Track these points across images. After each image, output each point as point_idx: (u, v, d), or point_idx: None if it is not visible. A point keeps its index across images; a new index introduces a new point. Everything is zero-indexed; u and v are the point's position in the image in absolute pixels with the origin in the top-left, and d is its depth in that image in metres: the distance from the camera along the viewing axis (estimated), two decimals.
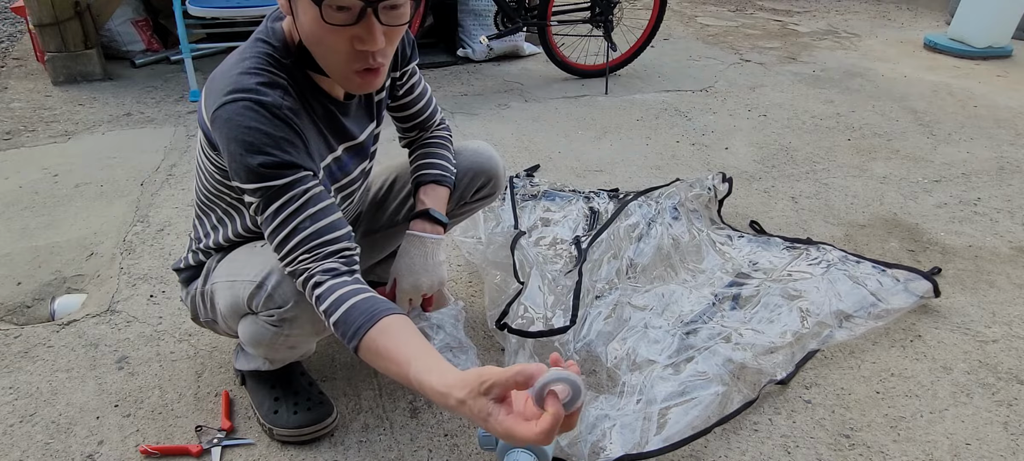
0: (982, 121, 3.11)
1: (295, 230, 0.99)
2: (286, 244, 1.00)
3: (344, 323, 0.95)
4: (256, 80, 0.97)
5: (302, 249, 1.00)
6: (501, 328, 1.46)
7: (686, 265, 1.82)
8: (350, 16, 0.92)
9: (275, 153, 0.97)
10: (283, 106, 0.98)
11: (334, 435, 1.31)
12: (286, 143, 0.98)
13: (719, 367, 1.43)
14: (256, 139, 0.95)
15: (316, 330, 1.14)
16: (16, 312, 1.65)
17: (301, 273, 1.00)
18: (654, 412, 1.31)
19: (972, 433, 1.37)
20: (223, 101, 0.96)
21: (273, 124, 0.96)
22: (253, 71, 0.98)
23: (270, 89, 0.98)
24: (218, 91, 0.98)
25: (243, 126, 0.95)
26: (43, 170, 2.33)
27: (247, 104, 0.95)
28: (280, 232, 1.00)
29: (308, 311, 1.07)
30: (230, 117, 0.95)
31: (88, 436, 1.28)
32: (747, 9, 5.30)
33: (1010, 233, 2.15)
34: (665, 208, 1.96)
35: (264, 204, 0.99)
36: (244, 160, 0.96)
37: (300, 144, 1.00)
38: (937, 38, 4.25)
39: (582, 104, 3.18)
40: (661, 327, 1.56)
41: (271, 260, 1.07)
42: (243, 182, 0.98)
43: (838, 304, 1.65)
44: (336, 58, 0.98)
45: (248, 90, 0.96)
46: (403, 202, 1.43)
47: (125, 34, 3.45)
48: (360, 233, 1.46)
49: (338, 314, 0.95)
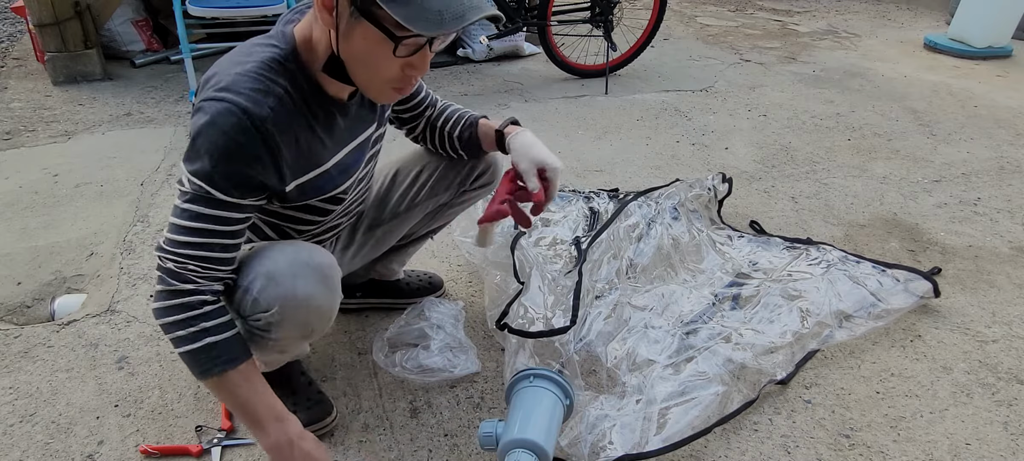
0: (982, 121, 3.11)
1: (208, 247, 1.00)
2: (191, 250, 0.99)
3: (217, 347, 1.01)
4: (251, 86, 0.96)
5: (203, 264, 1.00)
6: (501, 328, 1.46)
7: (686, 265, 1.82)
8: (413, 48, 0.95)
9: (239, 167, 0.96)
10: (268, 120, 0.96)
11: (334, 435, 1.31)
12: (254, 160, 0.97)
13: (719, 367, 1.43)
14: (225, 146, 0.94)
15: (303, 334, 1.14)
16: (16, 312, 1.65)
17: (186, 279, 1.00)
18: (654, 412, 1.31)
19: (972, 433, 1.37)
20: (212, 96, 0.95)
21: (251, 139, 0.95)
22: (251, 75, 0.97)
23: (263, 98, 0.96)
24: (212, 85, 0.97)
25: (219, 128, 0.94)
26: (43, 170, 2.33)
27: (232, 108, 0.94)
28: (193, 236, 0.99)
29: (294, 316, 1.07)
30: (211, 116, 0.94)
31: (88, 436, 1.28)
32: (747, 9, 5.30)
33: (1010, 233, 2.15)
34: (665, 208, 1.96)
35: (194, 201, 0.98)
36: (203, 160, 0.95)
37: (269, 163, 1.00)
38: (937, 38, 4.25)
39: (582, 104, 3.18)
40: (661, 327, 1.56)
41: (256, 265, 1.06)
42: (190, 173, 0.97)
43: (838, 304, 1.65)
44: (381, 77, 0.99)
45: (239, 94, 0.94)
46: (405, 191, 1.44)
47: (125, 34, 3.45)
48: (364, 228, 1.46)
49: (217, 338, 1.01)
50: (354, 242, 1.46)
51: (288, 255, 1.07)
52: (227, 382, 1.03)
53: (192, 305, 1.00)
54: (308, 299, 1.07)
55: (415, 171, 1.44)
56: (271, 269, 1.05)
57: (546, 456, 1.07)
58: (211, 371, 1.02)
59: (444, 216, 1.53)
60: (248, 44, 1.04)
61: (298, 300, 1.06)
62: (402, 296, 1.66)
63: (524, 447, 1.06)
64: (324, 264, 1.10)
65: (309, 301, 1.07)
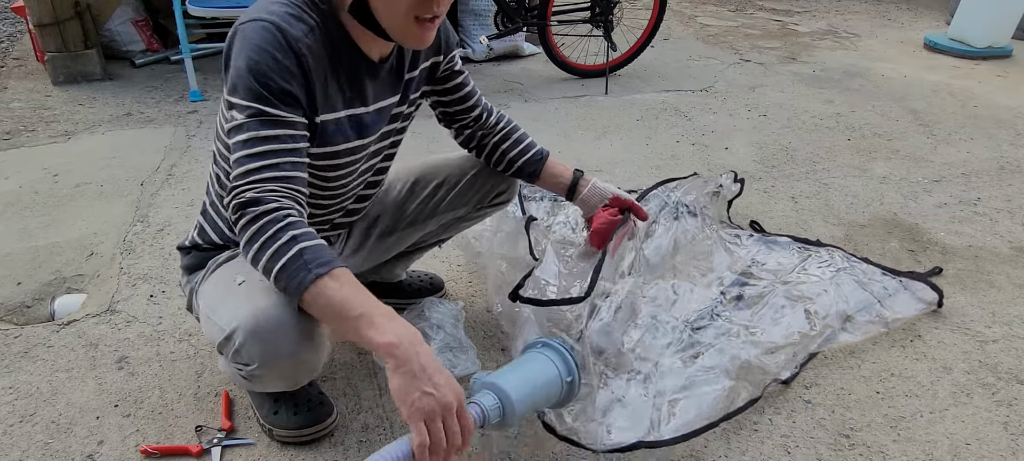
0: (982, 121, 3.11)
1: (279, 165, 0.98)
2: (266, 172, 0.97)
3: (310, 251, 0.94)
4: (285, 10, 0.99)
5: (281, 183, 0.98)
6: (514, 300, 1.43)
7: (696, 262, 1.82)
8: None
9: (279, 82, 0.98)
10: (301, 41, 0.99)
11: (334, 435, 1.31)
12: (291, 77, 0.99)
13: (727, 363, 1.43)
14: (265, 61, 0.97)
15: (287, 384, 1.15)
16: (16, 312, 1.65)
17: (267, 199, 0.96)
18: (664, 403, 1.31)
19: (972, 433, 1.37)
20: (247, 19, 0.98)
21: (286, 54, 0.98)
22: (285, 2, 1.01)
23: (296, 22, 0.99)
24: (246, 14, 1.00)
25: (257, 46, 0.96)
26: (43, 170, 2.33)
27: (268, 26, 0.97)
28: (263, 159, 0.97)
29: (276, 370, 1.06)
30: (248, 35, 0.97)
31: (88, 436, 1.28)
32: (747, 9, 5.30)
33: (1010, 233, 2.15)
34: (678, 204, 1.96)
35: (249, 125, 0.97)
36: (247, 79, 0.97)
37: (305, 84, 1.02)
38: (937, 38, 4.25)
39: (582, 104, 3.18)
40: (669, 322, 1.56)
41: (241, 310, 1.04)
42: (239, 97, 0.98)
43: (844, 307, 1.65)
44: (401, 7, 0.99)
45: (273, 15, 0.98)
46: (424, 202, 1.45)
47: (125, 34, 3.45)
48: (378, 234, 1.47)
49: (307, 243, 0.94)
50: (365, 246, 1.47)
51: (275, 307, 1.02)
52: (326, 288, 0.94)
53: (278, 218, 0.95)
54: (291, 357, 1.05)
55: (435, 182, 1.44)
56: (254, 325, 1.01)
57: (511, 405, 1.05)
58: (307, 279, 0.93)
59: (457, 228, 1.54)
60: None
61: (281, 359, 1.04)
62: (403, 297, 1.66)
63: (492, 390, 1.05)
64: (312, 320, 1.04)
65: (292, 358, 1.05)
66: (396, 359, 0.91)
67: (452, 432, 0.92)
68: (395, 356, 0.91)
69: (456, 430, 0.92)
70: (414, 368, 0.91)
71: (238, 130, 0.99)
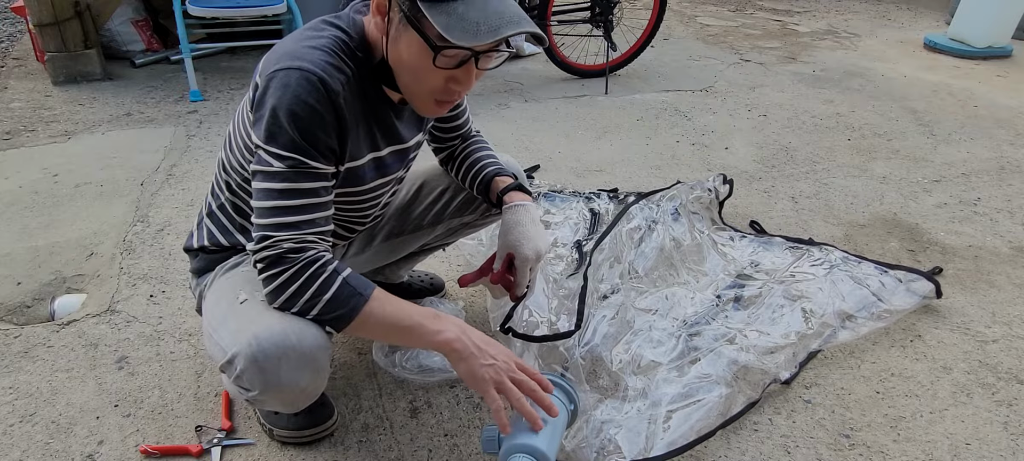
0: (982, 121, 3.11)
1: (315, 221, 1.01)
2: (305, 228, 1.00)
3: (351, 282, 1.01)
4: (325, 60, 0.98)
5: (315, 232, 1.01)
6: (505, 332, 1.45)
7: (688, 267, 1.82)
8: (455, 60, 0.96)
9: (321, 136, 0.99)
10: (340, 94, 0.99)
11: (334, 435, 1.31)
12: (331, 130, 1.00)
13: (723, 369, 1.43)
14: (306, 114, 0.96)
15: (288, 408, 1.16)
16: (16, 312, 1.65)
17: (306, 248, 1.00)
18: (659, 415, 1.31)
19: (972, 433, 1.37)
20: (287, 65, 0.97)
21: (327, 108, 0.98)
22: (324, 49, 1.00)
23: (336, 72, 0.99)
24: (283, 56, 0.98)
25: (299, 97, 0.96)
26: (43, 170, 2.32)
27: (310, 78, 0.96)
28: (294, 214, 0.99)
29: (278, 396, 1.06)
30: (289, 84, 0.96)
31: (88, 436, 1.28)
32: (747, 9, 5.30)
33: (1010, 233, 2.15)
34: (666, 210, 1.96)
35: (287, 176, 0.98)
36: (289, 131, 0.96)
37: (340, 136, 1.03)
38: (937, 38, 4.25)
39: (582, 104, 3.18)
40: (665, 329, 1.56)
41: (242, 335, 1.02)
42: (277, 147, 0.97)
43: (841, 305, 1.65)
44: (424, 88, 1.01)
45: (315, 65, 0.97)
46: (429, 206, 1.45)
47: (125, 34, 3.45)
48: (383, 236, 1.47)
49: (346, 274, 1.01)
50: (369, 248, 1.47)
51: (277, 335, 1.00)
52: (373, 312, 1.02)
53: (316, 260, 1.00)
54: (292, 385, 1.04)
55: (440, 188, 1.44)
56: (256, 351, 1.00)
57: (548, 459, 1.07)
58: (357, 307, 1.01)
59: (463, 233, 1.54)
60: (317, 22, 1.06)
61: (282, 386, 1.04)
62: (405, 297, 1.65)
63: (526, 452, 1.06)
64: (314, 348, 1.03)
65: (293, 386, 1.05)
66: (456, 351, 1.03)
67: (521, 381, 1.03)
68: (455, 349, 1.03)
69: (523, 377, 1.04)
70: (472, 350, 1.03)
71: (274, 177, 0.99)
